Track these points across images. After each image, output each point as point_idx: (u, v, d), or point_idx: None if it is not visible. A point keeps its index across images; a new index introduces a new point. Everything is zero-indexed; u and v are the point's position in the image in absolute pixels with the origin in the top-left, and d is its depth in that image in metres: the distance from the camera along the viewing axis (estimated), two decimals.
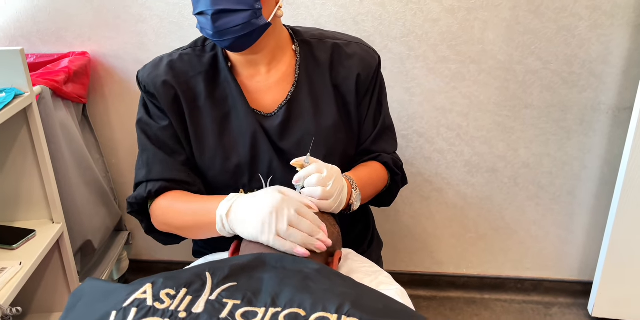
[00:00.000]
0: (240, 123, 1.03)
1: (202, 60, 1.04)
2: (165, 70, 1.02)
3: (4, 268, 1.15)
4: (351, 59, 1.05)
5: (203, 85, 1.02)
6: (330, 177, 0.90)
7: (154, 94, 1.02)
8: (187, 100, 1.02)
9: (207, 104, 1.02)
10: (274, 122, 1.03)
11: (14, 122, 1.23)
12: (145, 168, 1.03)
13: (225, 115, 1.04)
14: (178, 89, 1.01)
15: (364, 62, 1.06)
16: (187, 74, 1.03)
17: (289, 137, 1.03)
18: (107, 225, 1.66)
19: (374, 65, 1.08)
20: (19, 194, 1.31)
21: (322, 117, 1.04)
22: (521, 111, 1.63)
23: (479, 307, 1.81)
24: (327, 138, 1.04)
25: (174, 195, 1.01)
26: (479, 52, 1.56)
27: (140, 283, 0.67)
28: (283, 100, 1.04)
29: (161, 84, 1.01)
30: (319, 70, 1.05)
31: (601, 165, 1.68)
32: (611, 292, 1.69)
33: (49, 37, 1.61)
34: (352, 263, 1.00)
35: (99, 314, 0.62)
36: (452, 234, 1.82)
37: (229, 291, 0.66)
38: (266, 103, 1.05)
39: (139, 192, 1.03)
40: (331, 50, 1.06)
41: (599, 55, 1.54)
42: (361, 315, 0.62)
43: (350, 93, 1.06)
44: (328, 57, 1.05)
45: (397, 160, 1.15)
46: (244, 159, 1.03)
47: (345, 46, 1.06)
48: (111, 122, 1.70)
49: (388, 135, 1.14)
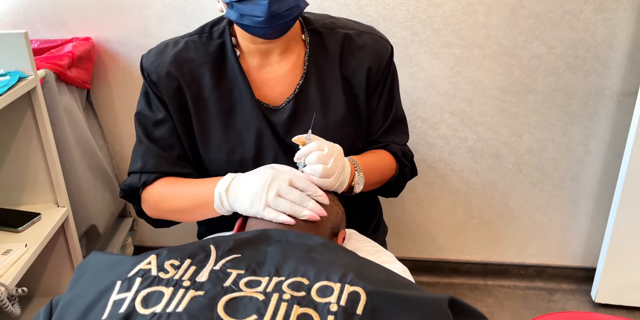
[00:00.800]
0: (245, 116, 1.00)
1: (209, 48, 1.00)
2: (169, 59, 0.99)
3: (10, 250, 1.16)
4: (362, 50, 1.02)
5: (209, 75, 0.99)
6: (330, 154, 0.88)
7: (156, 84, 1.00)
8: (191, 91, 0.99)
9: (213, 95, 1.00)
10: (281, 116, 1.01)
11: (18, 105, 1.23)
12: (141, 161, 1.02)
13: (231, 108, 1.01)
14: (182, 80, 0.99)
15: (376, 53, 1.03)
16: (192, 63, 0.99)
17: (296, 132, 1.00)
18: (111, 211, 1.66)
19: (386, 56, 1.04)
20: (24, 177, 1.31)
21: (331, 112, 1.02)
22: (525, 96, 1.62)
23: (482, 293, 1.81)
24: (335, 133, 1.01)
25: (167, 181, 1.01)
26: (483, 36, 1.55)
27: (145, 255, 0.67)
28: (291, 94, 1.01)
29: (164, 75, 0.98)
30: (328, 62, 1.02)
31: (605, 150, 1.67)
32: (614, 278, 1.69)
33: (53, 22, 1.61)
34: (355, 242, 1.01)
35: (105, 284, 0.63)
36: (456, 220, 1.82)
37: (233, 262, 0.66)
38: (274, 95, 1.02)
39: (133, 181, 1.03)
40: (342, 41, 1.02)
41: (604, 39, 1.53)
42: (364, 285, 0.62)
43: (360, 86, 1.03)
44: (338, 48, 1.02)
45: (407, 151, 1.13)
46: (248, 154, 1.01)
47: (357, 36, 1.03)
48: (115, 108, 1.71)
49: (399, 128, 1.12)
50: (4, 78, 1.17)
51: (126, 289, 0.61)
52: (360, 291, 0.61)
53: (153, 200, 1.02)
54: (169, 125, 1.02)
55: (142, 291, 0.61)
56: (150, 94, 1.02)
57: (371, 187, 1.04)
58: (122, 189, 1.05)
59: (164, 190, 1.00)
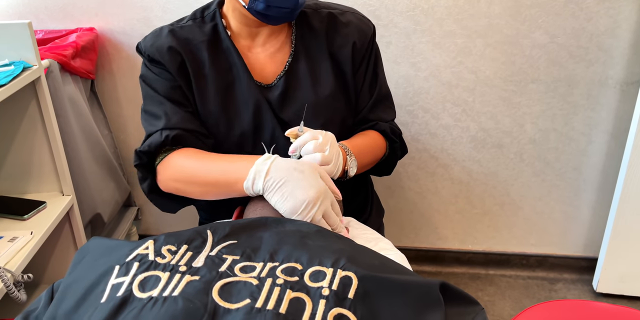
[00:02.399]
0: (243, 93, 1.04)
1: (203, 30, 1.04)
2: (168, 38, 1.02)
3: (16, 237, 1.18)
4: (347, 27, 1.06)
5: (207, 53, 1.02)
6: (326, 142, 0.90)
7: (159, 61, 1.02)
8: (192, 67, 1.02)
9: (212, 73, 1.03)
10: (274, 93, 1.04)
11: (23, 95, 1.25)
12: (164, 117, 0.99)
13: (229, 85, 1.04)
14: (184, 55, 1.01)
15: (360, 30, 1.07)
16: (191, 42, 1.02)
17: (289, 108, 1.04)
18: (116, 200, 1.68)
19: (369, 33, 1.09)
20: (30, 166, 1.33)
21: (320, 87, 1.05)
22: (527, 86, 1.62)
23: (483, 283, 1.83)
24: (326, 107, 1.05)
25: (192, 152, 0.98)
26: (485, 26, 1.55)
27: (143, 240, 0.69)
28: (281, 71, 1.05)
29: (167, 50, 1.00)
30: (315, 39, 1.06)
31: (608, 140, 1.67)
32: (616, 268, 1.69)
33: (57, 13, 1.62)
34: (352, 230, 1.02)
35: (104, 268, 0.64)
36: (458, 210, 1.83)
37: (229, 248, 0.68)
38: (265, 74, 1.06)
39: (155, 139, 0.98)
40: (327, 19, 1.07)
41: (607, 28, 1.52)
42: (356, 269, 0.63)
43: (347, 61, 1.06)
44: (324, 26, 1.06)
45: (395, 128, 1.15)
46: (247, 128, 1.04)
47: (340, 15, 1.07)
48: (119, 98, 1.72)
49: (385, 104, 1.15)
50: (9, 68, 1.18)
51: (124, 273, 0.63)
52: (352, 276, 0.63)
53: (176, 168, 0.97)
54: (180, 90, 1.02)
55: (139, 275, 0.62)
56: (156, 70, 1.03)
57: (364, 168, 1.07)
58: (139, 153, 1.00)
59: (188, 160, 0.96)
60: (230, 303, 0.59)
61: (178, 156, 0.98)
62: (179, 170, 0.97)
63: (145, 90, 1.05)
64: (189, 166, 0.96)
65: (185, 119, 1.00)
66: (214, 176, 0.92)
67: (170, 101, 1.02)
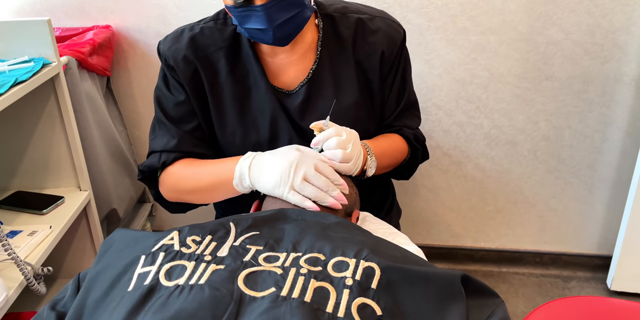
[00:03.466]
0: (260, 101, 1.02)
1: (224, 35, 1.02)
2: (186, 44, 1.01)
3: (35, 231, 1.19)
4: (375, 35, 1.02)
5: (224, 60, 1.01)
6: (349, 140, 0.90)
7: (173, 68, 1.02)
8: (207, 76, 1.01)
9: (228, 81, 1.01)
10: (295, 100, 1.02)
11: (42, 91, 1.26)
12: (161, 140, 1.03)
13: (246, 93, 1.02)
14: (198, 65, 1.00)
15: (389, 38, 1.03)
16: (208, 49, 1.01)
17: (310, 116, 1.02)
18: (131, 195, 1.70)
19: (399, 40, 1.05)
20: (48, 161, 1.35)
21: (343, 96, 1.03)
22: (542, 83, 1.62)
23: (496, 280, 1.82)
24: (348, 117, 1.02)
25: (186, 162, 1.03)
26: (500, 23, 1.55)
27: (167, 231, 0.70)
28: (304, 78, 1.03)
29: (182, 59, 1.00)
30: (341, 47, 1.02)
31: (623, 137, 1.66)
32: (630, 266, 1.69)
33: (73, 11, 1.64)
34: (369, 225, 1.02)
35: (130, 258, 0.65)
36: (471, 207, 1.83)
37: (252, 239, 0.69)
38: (287, 80, 1.03)
39: (152, 162, 1.04)
40: (355, 25, 1.03)
41: (622, 25, 1.52)
42: (379, 260, 0.64)
43: (374, 70, 1.04)
44: (351, 33, 1.02)
45: (419, 135, 1.14)
46: (263, 137, 1.03)
47: (369, 21, 1.03)
48: (134, 95, 1.74)
49: (411, 111, 1.13)
50: (29, 64, 1.20)
51: (150, 263, 0.64)
52: (375, 266, 0.63)
53: (172, 181, 1.02)
54: (188, 106, 1.03)
55: (165, 265, 0.63)
56: (169, 77, 1.04)
57: (383, 170, 1.06)
58: (141, 170, 1.06)
59: (182, 171, 1.01)
60: (256, 291, 0.59)
61: (173, 169, 1.03)
62: (175, 182, 1.02)
63: (155, 104, 1.06)
64: (183, 176, 1.01)
65: (184, 142, 1.03)
66: (206, 181, 0.97)
67: (174, 121, 1.03)
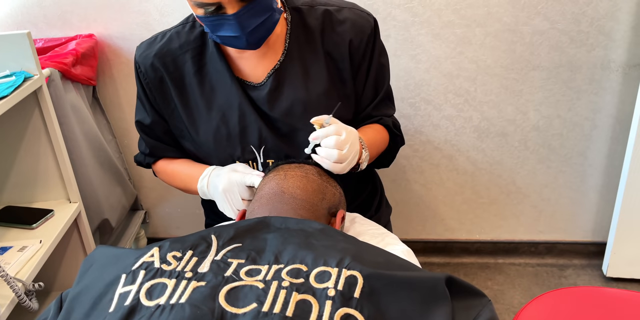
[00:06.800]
0: (226, 95, 1.04)
1: (190, 37, 1.05)
2: (154, 51, 1.06)
3: (25, 246, 1.19)
4: (343, 24, 1.04)
5: (190, 62, 1.05)
6: (347, 140, 0.91)
7: (144, 73, 1.07)
8: (173, 80, 1.06)
9: (194, 81, 1.05)
10: (262, 91, 1.04)
11: (25, 105, 1.26)
12: (141, 143, 1.18)
13: (212, 89, 1.05)
14: (164, 71, 1.05)
15: (357, 27, 1.04)
16: (175, 53, 1.05)
17: (279, 105, 1.03)
18: (123, 204, 1.70)
19: (368, 29, 1.06)
20: (36, 175, 1.34)
21: (313, 84, 1.04)
22: (529, 73, 1.61)
23: (492, 272, 1.83)
24: (318, 105, 1.03)
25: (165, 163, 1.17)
26: (484, 15, 1.54)
27: (148, 248, 0.70)
28: (271, 69, 1.04)
29: (149, 66, 1.06)
30: (309, 38, 1.04)
31: (612, 124, 1.66)
32: (625, 252, 1.69)
33: (55, 21, 1.63)
34: (358, 226, 1.02)
35: (110, 278, 0.65)
36: (464, 200, 1.83)
37: (233, 251, 0.68)
38: (256, 73, 1.05)
39: (140, 159, 1.21)
40: (322, 16, 1.05)
41: (607, 11, 1.51)
42: (361, 268, 0.63)
43: (344, 59, 1.05)
44: (319, 23, 1.04)
45: (396, 121, 1.17)
46: (233, 131, 1.05)
47: (337, 12, 1.05)
48: (121, 103, 1.73)
49: (389, 100, 1.15)
50: (10, 79, 1.19)
51: (131, 282, 0.63)
52: (357, 275, 0.63)
53: (160, 174, 1.20)
54: (161, 126, 1.12)
55: (146, 283, 0.63)
56: (139, 84, 1.10)
57: (371, 161, 1.08)
58: (135, 159, 1.22)
59: (163, 172, 1.18)
60: (237, 308, 0.59)
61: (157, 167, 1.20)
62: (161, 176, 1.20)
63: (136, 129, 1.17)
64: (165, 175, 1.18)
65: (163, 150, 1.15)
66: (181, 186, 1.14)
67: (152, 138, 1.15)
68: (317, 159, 0.93)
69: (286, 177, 0.91)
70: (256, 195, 0.92)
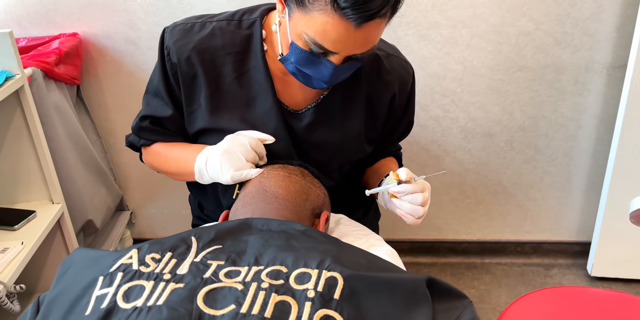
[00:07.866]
0: (264, 113, 0.99)
1: (235, 38, 0.97)
2: (193, 43, 0.96)
3: (6, 248, 1.17)
4: (389, 74, 1.03)
5: (231, 67, 0.97)
6: (428, 198, 0.94)
7: (175, 65, 0.97)
8: (208, 80, 0.97)
9: (232, 87, 0.98)
10: (300, 121, 1.01)
11: (7, 105, 1.24)
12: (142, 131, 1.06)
13: (249, 102, 0.99)
14: (200, 68, 0.96)
15: (402, 82, 1.05)
16: (216, 52, 0.96)
17: (311, 140, 1.01)
18: (107, 205, 1.68)
19: (410, 81, 1.07)
20: (18, 176, 1.33)
21: (348, 127, 1.03)
22: (515, 74, 1.62)
23: (479, 271, 1.83)
24: (351, 147, 1.04)
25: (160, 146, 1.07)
26: (471, 16, 1.54)
27: (127, 249, 0.69)
28: (314, 102, 1.01)
29: (184, 60, 0.96)
30: (355, 79, 1.00)
31: (597, 124, 1.67)
32: (609, 252, 1.70)
33: (39, 19, 1.61)
34: (343, 227, 1.02)
35: (88, 280, 0.64)
36: (451, 200, 1.83)
37: (213, 253, 0.68)
38: (296, 99, 1.01)
39: (133, 140, 1.10)
40: (371, 60, 1.01)
41: (592, 13, 1.52)
42: (342, 269, 0.63)
43: (382, 109, 1.04)
44: (368, 67, 1.01)
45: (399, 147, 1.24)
46: None
47: (385, 58, 1.03)
48: (106, 102, 1.71)
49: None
50: None
51: (108, 284, 0.63)
52: (338, 276, 0.63)
53: (149, 159, 1.10)
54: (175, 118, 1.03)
55: (123, 286, 0.62)
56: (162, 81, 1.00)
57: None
58: (127, 140, 1.12)
59: (157, 154, 1.07)
60: (215, 309, 0.59)
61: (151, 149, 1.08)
62: (151, 160, 1.09)
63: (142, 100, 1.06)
64: (157, 158, 1.07)
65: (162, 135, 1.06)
66: (174, 169, 1.04)
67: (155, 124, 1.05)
68: (402, 214, 0.94)
69: (269, 175, 0.90)
70: (240, 194, 0.91)
